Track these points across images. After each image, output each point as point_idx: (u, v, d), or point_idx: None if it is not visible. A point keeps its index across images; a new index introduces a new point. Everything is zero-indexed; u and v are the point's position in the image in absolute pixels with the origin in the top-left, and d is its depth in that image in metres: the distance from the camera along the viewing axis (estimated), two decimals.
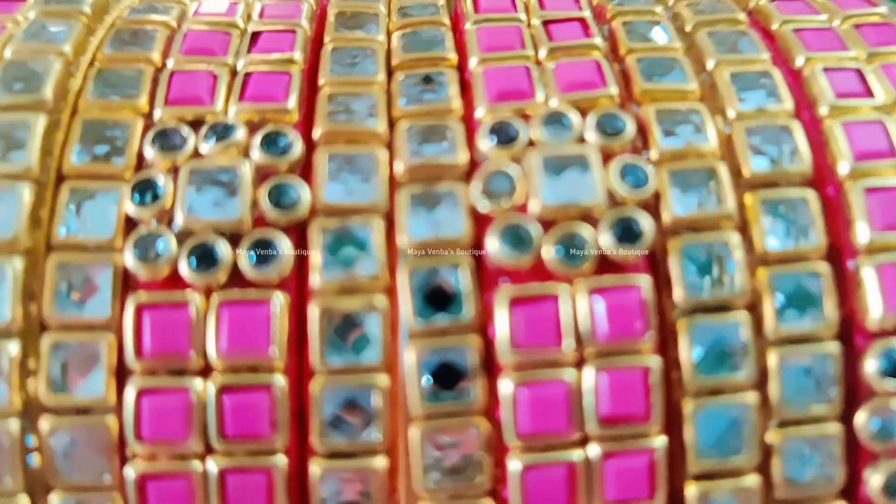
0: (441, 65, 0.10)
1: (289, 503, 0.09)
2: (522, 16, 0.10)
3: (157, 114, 0.09)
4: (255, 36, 0.10)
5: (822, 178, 0.09)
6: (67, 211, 0.09)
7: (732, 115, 0.10)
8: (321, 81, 0.10)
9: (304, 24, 0.11)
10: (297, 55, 0.10)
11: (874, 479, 0.09)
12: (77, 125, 0.09)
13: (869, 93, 0.10)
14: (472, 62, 0.10)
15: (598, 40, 0.10)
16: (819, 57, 0.10)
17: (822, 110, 0.10)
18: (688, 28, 0.10)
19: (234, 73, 0.10)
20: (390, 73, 0.10)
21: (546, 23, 0.10)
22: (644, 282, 0.09)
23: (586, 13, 0.10)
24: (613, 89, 0.09)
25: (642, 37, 0.10)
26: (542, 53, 0.10)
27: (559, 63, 0.10)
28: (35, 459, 0.09)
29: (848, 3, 0.11)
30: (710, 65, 0.10)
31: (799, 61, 0.10)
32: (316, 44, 0.10)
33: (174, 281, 0.09)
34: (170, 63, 0.10)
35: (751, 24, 0.11)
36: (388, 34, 0.11)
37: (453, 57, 0.10)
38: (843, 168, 0.09)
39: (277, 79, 0.09)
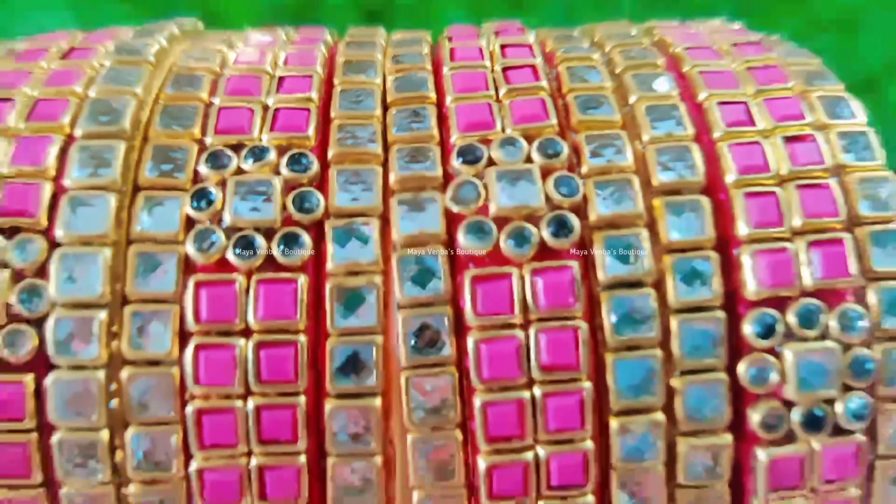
0: (424, 102, 0.13)
1: (308, 434, 0.11)
2: (487, 63, 0.13)
3: (209, 140, 0.12)
4: (282, 80, 0.13)
5: (714, 186, 0.12)
6: (142, 213, 0.12)
7: (647, 138, 0.12)
8: (333, 115, 0.13)
9: (319, 70, 0.13)
10: (314, 95, 0.13)
11: (754, 416, 0.12)
12: (148, 149, 0.12)
13: (752, 121, 0.13)
14: (448, 100, 0.13)
15: (544, 83, 0.13)
16: (716, 93, 0.13)
17: (716, 134, 0.13)
18: (617, 70, 0.13)
19: (265, 108, 0.13)
20: (385, 108, 0.13)
21: (505, 69, 0.13)
22: (574, 265, 0.11)
23: (538, 60, 0.13)
24: (554, 121, 0.12)
25: (581, 78, 0.13)
26: (502, 93, 0.13)
27: (514, 101, 0.13)
28: (115, 402, 0.12)
29: (745, 50, 0.14)
30: (632, 100, 0.13)
31: (701, 96, 0.13)
32: (328, 85, 0.13)
33: (223, 265, 0.12)
34: (217, 101, 0.13)
35: (667, 67, 0.14)
36: (384, 77, 0.14)
37: (433, 96, 0.13)
38: (729, 179, 0.12)
39: (299, 113, 0.12)
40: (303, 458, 0.11)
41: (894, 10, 0.37)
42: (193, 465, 0.11)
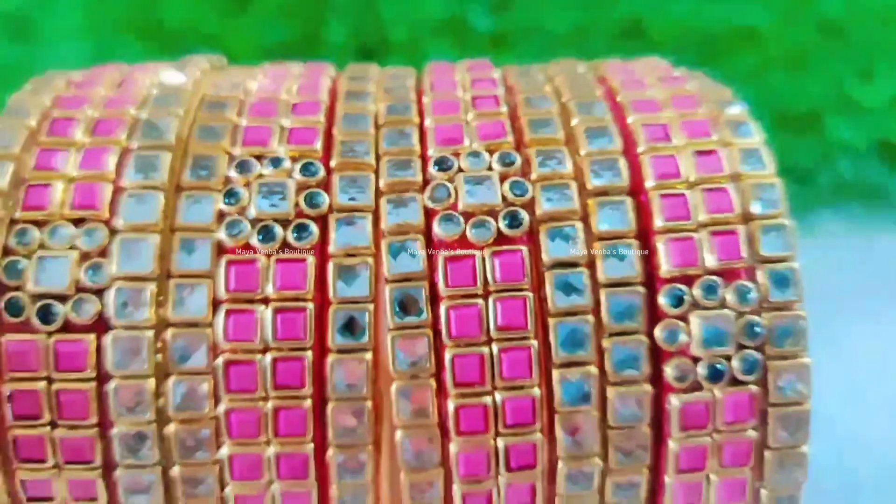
0: (408, 124, 0.16)
1: (312, 382, 0.14)
2: (459, 93, 0.17)
3: (236, 151, 0.15)
4: (294, 105, 0.16)
5: (637, 189, 0.15)
6: (183, 208, 0.15)
7: (583, 152, 0.16)
8: (335, 133, 0.16)
9: (325, 98, 0.17)
10: (321, 118, 0.16)
11: (668, 370, 0.15)
12: (188, 158, 0.15)
13: (669, 139, 0.16)
14: (427, 121, 0.16)
15: (503, 109, 0.16)
16: (641, 117, 0.16)
17: (640, 149, 0.16)
18: (563, 99, 0.17)
19: (282, 127, 0.16)
20: (377, 128, 0.16)
21: (473, 98, 0.16)
22: (524, 249, 0.15)
23: (500, 91, 0.17)
24: (510, 138, 0.16)
25: (533, 105, 0.16)
26: (470, 116, 0.16)
27: (479, 122, 0.16)
28: (159, 357, 0.14)
29: (668, 82, 0.17)
30: (573, 122, 0.16)
31: (630, 119, 0.16)
32: (332, 110, 0.17)
33: (247, 248, 0.15)
34: (243, 121, 0.16)
35: (604, 96, 0.17)
36: (377, 104, 0.17)
37: (416, 119, 0.16)
38: (649, 184, 0.15)
39: (309, 132, 0.16)
40: (308, 402, 0.14)
41: (836, 52, 0.41)
42: (221, 408, 0.14)
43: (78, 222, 0.15)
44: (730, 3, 0.43)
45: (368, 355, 0.14)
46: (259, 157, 0.15)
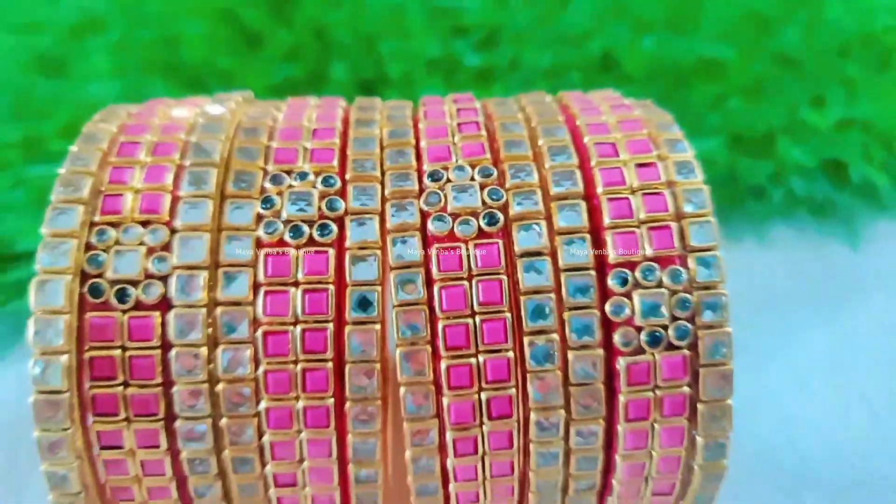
0: (406, 145, 0.20)
1: (333, 350, 0.18)
2: (448, 120, 0.21)
3: (269, 168, 0.19)
4: (315, 131, 0.20)
5: (590, 195, 0.19)
6: (228, 212, 0.19)
7: (548, 166, 0.19)
8: (349, 153, 0.20)
9: (339, 125, 0.21)
10: (337, 141, 0.20)
11: (616, 337, 0.18)
12: (231, 173, 0.19)
13: (617, 154, 0.20)
14: (422, 143, 0.20)
15: (483, 132, 0.20)
16: (595, 137, 0.20)
17: (593, 163, 0.20)
18: (532, 124, 0.21)
19: (306, 149, 0.20)
20: (382, 148, 0.20)
21: (459, 124, 0.20)
22: (500, 242, 0.18)
23: (480, 118, 0.21)
24: (489, 156, 0.19)
25: (508, 129, 0.20)
26: (456, 139, 0.20)
27: (464, 143, 0.20)
28: (210, 329, 0.18)
29: (618, 109, 0.21)
30: (540, 142, 0.20)
31: (585, 140, 0.20)
32: (344, 135, 0.20)
33: (281, 243, 0.18)
34: (273, 144, 0.20)
35: (565, 121, 0.21)
36: (381, 129, 0.21)
37: (413, 141, 0.20)
38: (599, 190, 0.19)
39: (328, 152, 0.19)
40: (330, 364, 0.18)
41: (791, 82, 0.44)
42: (260, 370, 0.18)
43: (145, 224, 0.18)
44: (695, 38, 0.47)
45: (377, 327, 0.18)
46: (288, 172, 0.19)
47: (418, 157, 0.20)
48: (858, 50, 0.47)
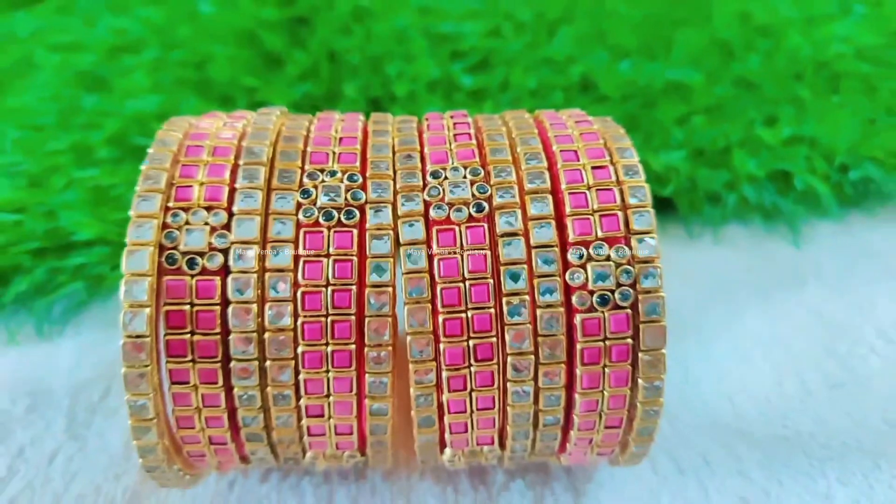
0: (413, 150, 0.25)
1: (357, 306, 0.23)
2: (446, 132, 0.26)
3: (307, 167, 0.25)
4: (341, 139, 0.26)
5: (556, 190, 0.24)
6: (274, 201, 0.24)
7: (523, 168, 0.25)
8: (368, 156, 0.25)
9: (360, 134, 0.26)
10: (358, 147, 0.25)
11: (574, 298, 0.23)
12: (276, 171, 0.24)
13: (578, 159, 0.25)
14: (426, 149, 0.25)
15: (474, 141, 0.25)
16: (561, 146, 0.25)
17: (558, 166, 0.25)
18: (512, 135, 0.26)
19: (334, 153, 0.25)
20: (394, 153, 0.25)
21: (455, 135, 0.26)
22: (485, 225, 0.23)
23: (472, 130, 0.26)
24: (477, 159, 0.25)
25: (493, 139, 0.26)
26: (453, 146, 0.25)
27: (458, 149, 0.25)
28: (259, 290, 0.23)
29: (580, 124, 0.27)
30: (518, 150, 0.25)
31: (554, 148, 0.25)
32: (364, 142, 0.26)
33: (316, 224, 0.23)
34: (309, 148, 0.25)
35: (538, 133, 0.26)
36: (393, 138, 0.26)
37: (418, 147, 0.25)
38: (563, 187, 0.24)
39: (352, 155, 0.25)
40: (353, 318, 0.23)
41: (749, 103, 0.50)
42: (298, 321, 0.23)
43: (208, 209, 0.24)
44: (664, 64, 0.53)
45: (390, 289, 0.23)
46: (321, 171, 0.24)
47: (422, 160, 0.25)
48: (811, 75, 0.53)
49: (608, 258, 0.23)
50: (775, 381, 0.35)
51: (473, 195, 0.24)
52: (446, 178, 0.24)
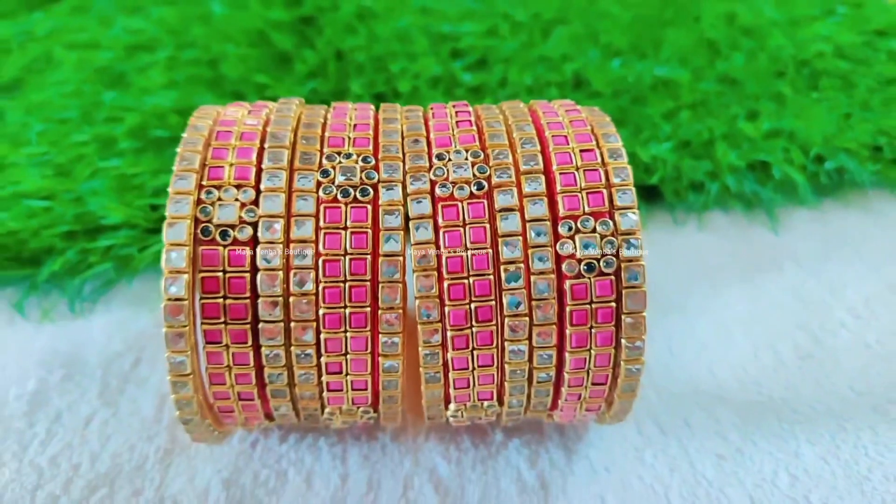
0: (420, 136, 0.28)
1: (371, 273, 0.26)
2: (449, 119, 0.29)
3: (325, 150, 0.27)
4: (355, 125, 0.28)
5: (548, 170, 0.27)
6: (297, 180, 0.27)
7: (519, 152, 0.28)
8: (380, 140, 0.28)
9: (371, 121, 0.29)
10: (371, 133, 0.28)
11: (563, 266, 0.26)
12: (297, 153, 0.27)
13: (567, 143, 0.28)
14: (431, 135, 0.28)
15: (474, 128, 0.28)
16: (553, 132, 0.28)
17: (550, 149, 0.28)
18: (508, 122, 0.29)
19: (350, 137, 0.28)
20: (403, 138, 0.28)
21: (457, 122, 0.29)
22: (485, 202, 0.26)
23: (472, 118, 0.29)
24: (477, 143, 0.28)
25: (491, 125, 0.28)
26: (455, 132, 0.28)
27: (461, 135, 0.28)
28: (285, 259, 0.26)
29: (570, 112, 0.30)
30: (514, 135, 0.28)
31: (546, 133, 0.28)
32: (376, 128, 0.29)
33: (335, 200, 0.26)
34: (327, 134, 0.28)
35: (532, 120, 0.29)
36: (401, 125, 0.29)
37: (424, 133, 0.28)
38: (554, 168, 0.27)
39: (366, 139, 0.28)
40: (368, 284, 0.25)
41: (732, 99, 0.53)
42: (320, 287, 0.26)
43: (238, 187, 0.26)
44: (653, 62, 0.56)
45: (400, 259, 0.26)
46: (338, 153, 0.27)
47: (428, 144, 0.28)
48: (793, 72, 0.56)
49: (594, 230, 0.26)
50: (752, 354, 0.38)
51: (474, 175, 0.27)
52: (450, 159, 0.27)
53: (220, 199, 0.26)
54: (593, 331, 0.26)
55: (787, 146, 0.48)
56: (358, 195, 0.26)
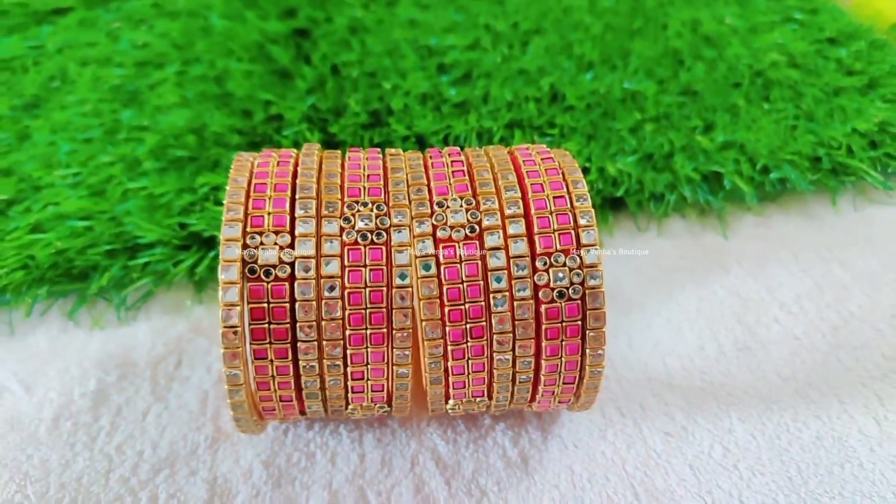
0: (422, 185, 0.34)
1: (387, 302, 0.32)
2: (445, 169, 0.35)
3: (346, 199, 0.33)
4: (368, 176, 0.34)
5: (527, 214, 0.34)
6: (324, 226, 0.33)
7: (504, 197, 0.34)
8: (389, 188, 0.34)
9: (381, 172, 0.35)
10: (381, 183, 0.34)
11: (539, 293, 0.33)
12: (323, 202, 0.33)
13: (543, 190, 0.34)
14: (432, 184, 0.34)
15: (467, 177, 0.34)
16: (532, 179, 0.34)
17: (529, 195, 0.34)
18: (495, 170, 0.35)
19: (365, 187, 0.34)
20: (408, 187, 0.34)
21: (452, 172, 0.35)
22: (477, 242, 0.32)
23: (465, 167, 0.35)
24: (470, 191, 0.34)
25: (480, 174, 0.35)
26: (451, 181, 0.34)
27: (456, 184, 0.34)
28: (316, 291, 0.32)
29: (541, 153, 0.36)
30: (500, 182, 0.34)
31: (526, 182, 0.34)
32: (385, 178, 0.35)
33: (355, 243, 0.32)
34: (346, 184, 0.34)
35: (513, 168, 0.35)
36: (406, 174, 0.35)
37: (426, 182, 0.34)
38: (532, 211, 0.33)
39: (378, 190, 0.33)
40: (384, 310, 0.32)
41: (692, 111, 0.59)
42: (345, 313, 0.32)
43: (276, 233, 0.32)
44: (622, 74, 0.62)
45: (410, 289, 0.32)
46: (356, 202, 0.33)
47: (429, 192, 0.34)
48: (748, 83, 0.62)
49: (564, 264, 0.33)
50: (698, 346, 0.45)
51: (468, 220, 0.33)
52: (448, 206, 0.33)
53: (261, 243, 0.32)
54: (564, 343, 0.33)
55: (738, 157, 0.55)
56: (374, 238, 0.32)
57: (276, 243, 0.32)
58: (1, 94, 0.53)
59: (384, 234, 0.32)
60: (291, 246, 0.32)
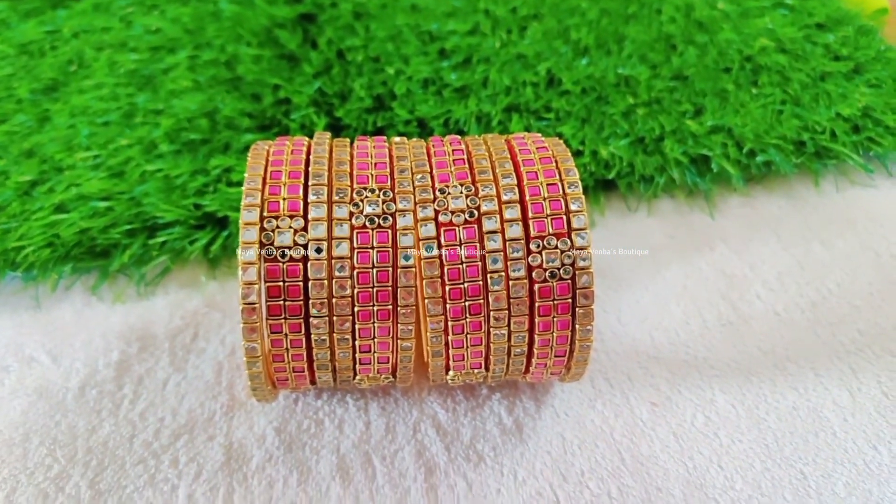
0: (425, 172, 0.37)
1: (392, 281, 0.35)
2: (447, 157, 0.37)
3: (354, 186, 0.36)
4: (376, 164, 0.37)
5: (522, 200, 0.36)
6: (335, 210, 0.35)
7: (501, 184, 0.36)
8: (395, 175, 0.36)
9: (387, 160, 0.37)
10: (388, 171, 0.36)
11: (533, 273, 0.35)
12: (334, 188, 0.36)
13: (537, 177, 0.37)
14: (434, 171, 0.37)
15: (466, 165, 0.37)
16: (524, 156, 0.37)
17: (524, 182, 0.36)
18: (492, 158, 0.37)
19: (372, 175, 0.36)
20: (412, 174, 0.37)
21: (453, 160, 0.37)
22: (476, 227, 0.35)
23: (465, 155, 0.37)
24: (469, 178, 0.36)
25: (479, 162, 0.37)
26: (452, 168, 0.37)
27: (457, 171, 0.36)
28: (328, 271, 0.35)
29: (536, 141, 0.38)
30: (497, 170, 0.37)
31: (522, 169, 0.37)
32: (391, 165, 0.37)
33: (364, 227, 0.35)
34: (354, 171, 0.36)
35: (509, 155, 0.38)
36: (410, 162, 0.37)
37: (428, 169, 0.37)
38: (527, 198, 0.36)
39: (384, 177, 0.36)
40: (390, 288, 0.34)
41: (683, 96, 0.61)
42: (354, 291, 0.35)
43: (291, 217, 0.35)
44: (616, 59, 0.64)
45: (413, 270, 0.35)
46: (364, 188, 0.36)
47: (432, 179, 0.37)
48: (737, 68, 0.64)
49: (556, 247, 0.35)
50: (683, 321, 0.48)
51: (467, 206, 0.36)
52: (449, 192, 0.36)
53: (277, 227, 0.35)
54: (555, 319, 0.36)
55: (726, 141, 0.57)
56: (381, 222, 0.35)
57: (290, 227, 0.35)
58: (21, 78, 0.55)
59: (390, 218, 0.35)
60: (305, 229, 0.35)
